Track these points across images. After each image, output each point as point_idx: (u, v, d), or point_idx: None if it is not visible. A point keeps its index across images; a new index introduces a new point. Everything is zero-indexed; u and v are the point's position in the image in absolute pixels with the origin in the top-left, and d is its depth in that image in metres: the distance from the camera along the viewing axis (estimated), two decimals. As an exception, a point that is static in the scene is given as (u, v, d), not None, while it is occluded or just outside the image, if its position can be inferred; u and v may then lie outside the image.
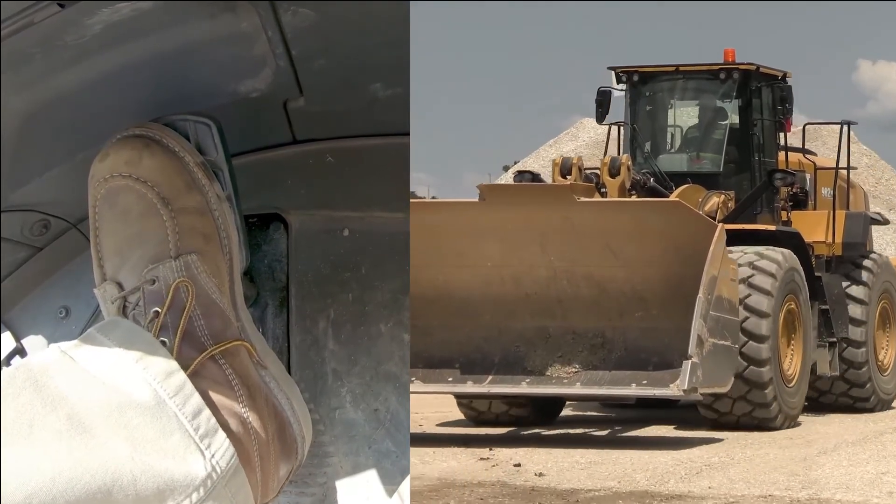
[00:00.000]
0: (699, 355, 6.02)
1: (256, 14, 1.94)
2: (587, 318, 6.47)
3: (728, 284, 6.45)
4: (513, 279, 6.57)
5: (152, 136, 1.96)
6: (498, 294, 6.56)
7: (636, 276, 6.37)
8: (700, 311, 6.01)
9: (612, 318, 6.45)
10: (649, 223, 6.34)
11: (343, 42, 2.05)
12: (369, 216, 2.34)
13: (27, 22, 1.80)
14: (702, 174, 8.41)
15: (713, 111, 8.62)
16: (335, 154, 2.34)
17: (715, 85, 8.46)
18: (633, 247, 6.36)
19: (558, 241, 6.44)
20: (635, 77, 8.59)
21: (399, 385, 2.32)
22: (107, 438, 1.60)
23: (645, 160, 8.51)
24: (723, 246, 6.33)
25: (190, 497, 1.65)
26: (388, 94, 2.20)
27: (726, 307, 6.41)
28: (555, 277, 6.51)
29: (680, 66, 8.52)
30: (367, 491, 2.29)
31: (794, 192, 8.61)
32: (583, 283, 6.48)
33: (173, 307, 1.87)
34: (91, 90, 2.03)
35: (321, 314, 2.34)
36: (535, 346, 6.52)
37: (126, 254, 1.91)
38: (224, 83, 2.13)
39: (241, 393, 1.89)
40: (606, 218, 6.44)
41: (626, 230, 6.37)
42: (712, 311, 6.16)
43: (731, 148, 8.43)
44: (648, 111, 8.69)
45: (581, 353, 6.44)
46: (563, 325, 6.52)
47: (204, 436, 1.73)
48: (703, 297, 6.04)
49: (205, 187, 1.98)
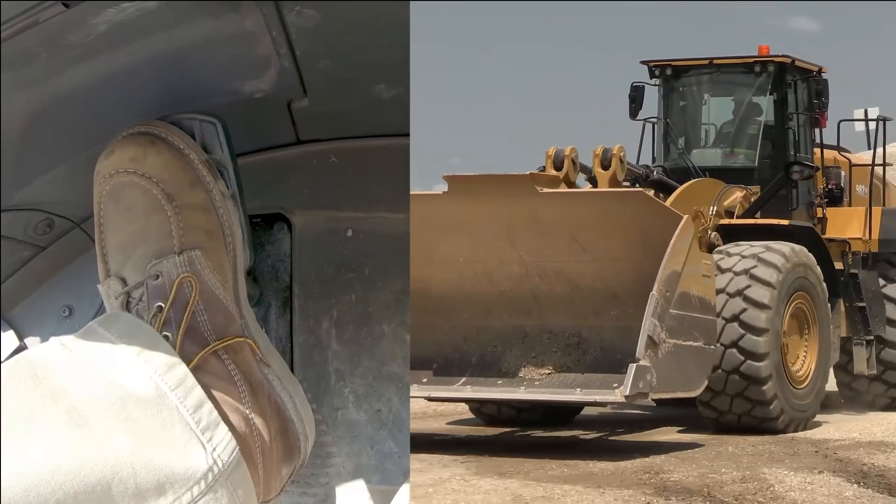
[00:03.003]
0: (652, 358, 5.65)
1: (261, 14, 1.94)
2: (563, 317, 6.19)
3: (700, 281, 6.11)
4: (486, 275, 6.30)
5: (158, 134, 1.97)
6: (473, 291, 6.29)
7: (607, 271, 6.06)
8: (652, 309, 5.63)
9: (588, 316, 6.14)
10: (615, 215, 6.01)
11: (347, 42, 2.05)
12: (373, 217, 2.34)
13: (32, 21, 1.81)
14: (736, 169, 8.21)
15: (747, 105, 8.45)
16: (339, 154, 2.35)
17: (749, 78, 8.31)
18: (601, 240, 6.04)
19: (526, 235, 6.14)
20: (668, 71, 8.44)
21: (401, 386, 2.32)
22: (106, 431, 1.60)
23: (679, 155, 8.40)
24: (689, 240, 5.99)
25: (191, 490, 1.65)
26: (392, 94, 2.20)
27: (696, 305, 6.05)
28: (527, 274, 6.25)
29: (714, 60, 8.36)
30: (369, 491, 2.29)
31: (829, 188, 8.51)
32: (555, 280, 6.20)
33: (176, 302, 1.87)
34: (95, 90, 2.03)
35: (324, 314, 2.34)
36: (511, 346, 6.26)
37: (130, 250, 1.91)
38: (228, 83, 2.13)
39: (243, 389, 1.89)
40: (571, 210, 6.12)
41: (593, 223, 6.05)
42: (673, 310, 5.81)
43: (766, 143, 8.24)
44: (681, 106, 8.54)
45: (555, 354, 6.18)
46: (540, 324, 6.25)
47: (205, 429, 1.72)
48: (658, 294, 5.67)
49: (209, 185, 1.99)
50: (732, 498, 4.93)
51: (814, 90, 8.23)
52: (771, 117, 8.28)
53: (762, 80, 8.25)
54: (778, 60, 8.20)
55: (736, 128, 8.50)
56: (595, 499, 4.83)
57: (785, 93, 8.22)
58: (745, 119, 8.46)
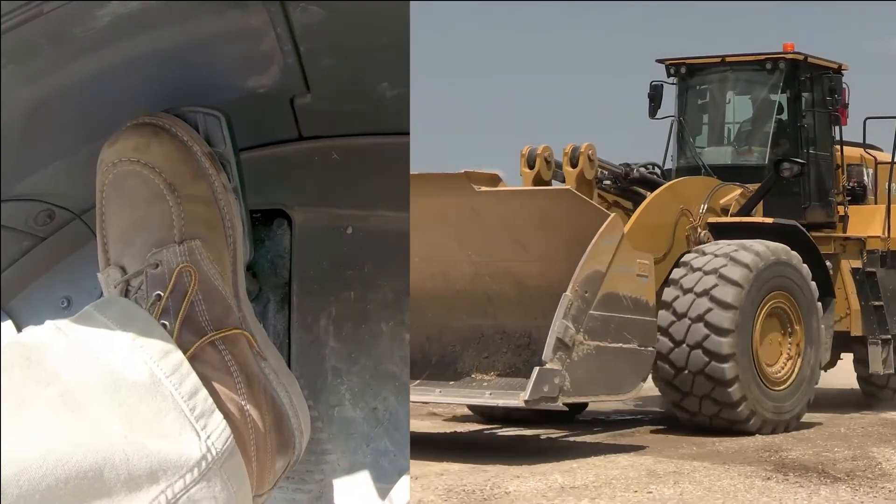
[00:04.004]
0: (564, 360, 5.57)
1: (265, 10, 1.95)
2: (514, 317, 6.11)
3: (633, 281, 5.98)
4: (442, 275, 6.23)
5: (162, 125, 1.98)
6: (433, 290, 6.19)
7: (550, 271, 5.95)
8: (564, 311, 5.55)
9: (537, 317, 5.99)
10: (548, 213, 5.95)
11: (351, 40, 2.06)
12: (373, 215, 2.34)
13: (36, 11, 1.81)
14: (748, 167, 8.12)
15: (759, 103, 8.41)
16: (341, 152, 2.35)
17: (762, 76, 8.26)
18: (540, 240, 5.96)
19: (472, 235, 6.09)
20: (683, 69, 8.43)
21: (399, 384, 2.32)
22: (99, 417, 1.60)
23: (691, 153, 8.35)
24: (616, 239, 5.88)
25: (183, 478, 1.64)
26: (395, 93, 2.21)
27: (628, 306, 5.94)
28: (477, 273, 6.19)
29: (726, 57, 8.32)
30: (363, 489, 2.29)
31: (850, 185, 8.45)
32: (504, 280, 6.14)
33: (175, 291, 1.87)
34: (98, 83, 2.04)
35: (322, 311, 2.34)
36: (468, 346, 6.21)
37: (131, 238, 1.92)
38: (231, 79, 2.14)
39: (239, 380, 1.89)
40: (508, 209, 6.04)
41: (530, 221, 5.99)
42: (596, 311, 5.71)
43: (777, 140, 8.18)
44: (694, 104, 8.51)
45: (505, 355, 6.11)
46: (495, 325, 6.19)
47: (200, 416, 1.72)
48: (573, 295, 5.59)
49: (211, 177, 1.99)
50: (844, 474, 5.31)
51: (827, 87, 8.14)
52: (783, 115, 8.22)
53: (774, 77, 8.20)
54: (789, 58, 8.14)
55: (747, 125, 8.46)
56: (720, 474, 5.25)
57: (797, 90, 8.16)
58: (756, 117, 8.42)
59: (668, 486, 5.00)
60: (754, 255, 6.76)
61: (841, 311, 7.93)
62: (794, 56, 8.14)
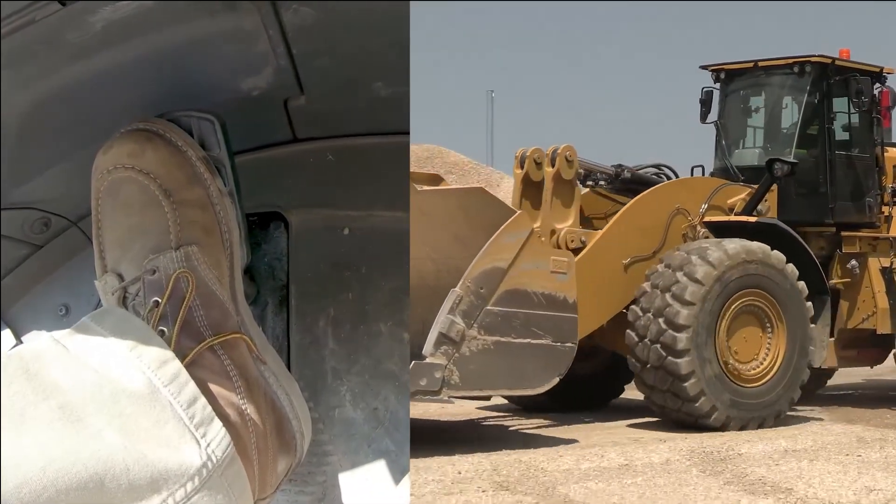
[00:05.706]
0: (450, 354, 5.63)
1: (258, 13, 1.94)
2: None
3: (545, 278, 6.04)
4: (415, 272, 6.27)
5: (156, 131, 1.97)
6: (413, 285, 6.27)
7: None
8: (450, 306, 5.62)
9: None
10: (468, 212, 6.04)
11: (344, 41, 2.05)
12: (370, 215, 2.34)
13: (28, 20, 1.81)
14: None
15: (788, 105, 8.52)
16: (336, 153, 2.35)
17: (791, 79, 8.36)
18: (473, 238, 6.02)
19: (426, 234, 6.13)
20: (722, 75, 8.62)
21: (399, 384, 2.32)
22: (99, 427, 1.59)
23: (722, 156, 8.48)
24: (522, 235, 5.93)
25: (184, 486, 1.64)
26: (389, 93, 2.20)
27: (539, 302, 6.00)
28: (438, 271, 6.26)
29: (759, 62, 8.49)
30: (366, 490, 2.28)
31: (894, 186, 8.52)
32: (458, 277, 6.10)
33: (173, 297, 1.87)
34: (92, 88, 2.03)
35: (321, 313, 2.34)
36: None
37: (127, 245, 1.91)
38: (225, 81, 2.13)
39: (239, 385, 1.89)
40: (442, 207, 6.15)
41: (461, 220, 6.08)
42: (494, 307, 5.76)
43: (806, 142, 8.26)
44: (730, 107, 8.68)
45: None
46: None
47: (199, 424, 1.71)
48: (463, 291, 5.66)
49: (207, 181, 1.99)
50: None
51: (854, 90, 8.19)
52: (810, 116, 8.29)
53: (803, 80, 8.26)
54: (815, 60, 8.21)
55: (777, 128, 8.55)
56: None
57: (826, 92, 8.23)
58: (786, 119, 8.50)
59: (875, 450, 6.09)
60: (721, 254, 6.89)
61: (868, 309, 8.04)
62: (820, 59, 8.22)
